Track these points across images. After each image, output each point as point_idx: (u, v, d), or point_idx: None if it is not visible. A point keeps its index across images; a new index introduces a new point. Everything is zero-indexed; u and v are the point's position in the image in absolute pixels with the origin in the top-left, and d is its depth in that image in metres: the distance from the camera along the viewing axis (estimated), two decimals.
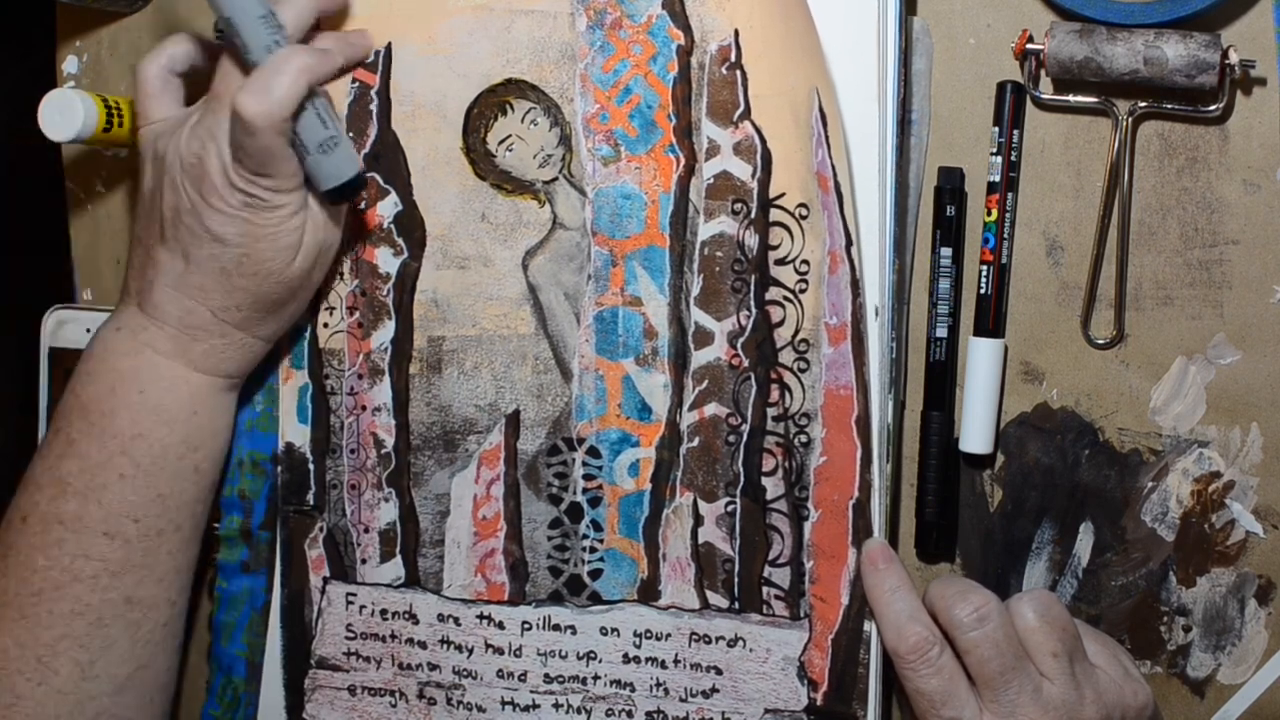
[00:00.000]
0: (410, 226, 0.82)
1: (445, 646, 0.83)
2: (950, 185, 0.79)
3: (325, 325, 0.84)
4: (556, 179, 0.81)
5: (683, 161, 0.78)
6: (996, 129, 0.78)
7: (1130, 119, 0.77)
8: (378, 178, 0.82)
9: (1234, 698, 0.78)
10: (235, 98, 0.71)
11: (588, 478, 0.81)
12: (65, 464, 0.78)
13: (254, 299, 0.77)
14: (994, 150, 0.78)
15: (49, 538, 0.78)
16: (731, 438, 0.79)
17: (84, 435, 0.78)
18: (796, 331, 0.77)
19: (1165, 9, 0.75)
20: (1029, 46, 0.77)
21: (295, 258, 0.77)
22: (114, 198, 0.93)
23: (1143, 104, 0.76)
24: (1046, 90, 0.78)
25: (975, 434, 0.79)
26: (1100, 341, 0.79)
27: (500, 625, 0.82)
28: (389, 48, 0.82)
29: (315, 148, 0.74)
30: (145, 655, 0.80)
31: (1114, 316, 0.78)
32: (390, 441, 0.83)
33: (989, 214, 0.78)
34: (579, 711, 0.81)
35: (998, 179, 0.78)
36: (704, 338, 0.79)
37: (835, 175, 0.75)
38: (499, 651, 0.82)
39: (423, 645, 0.83)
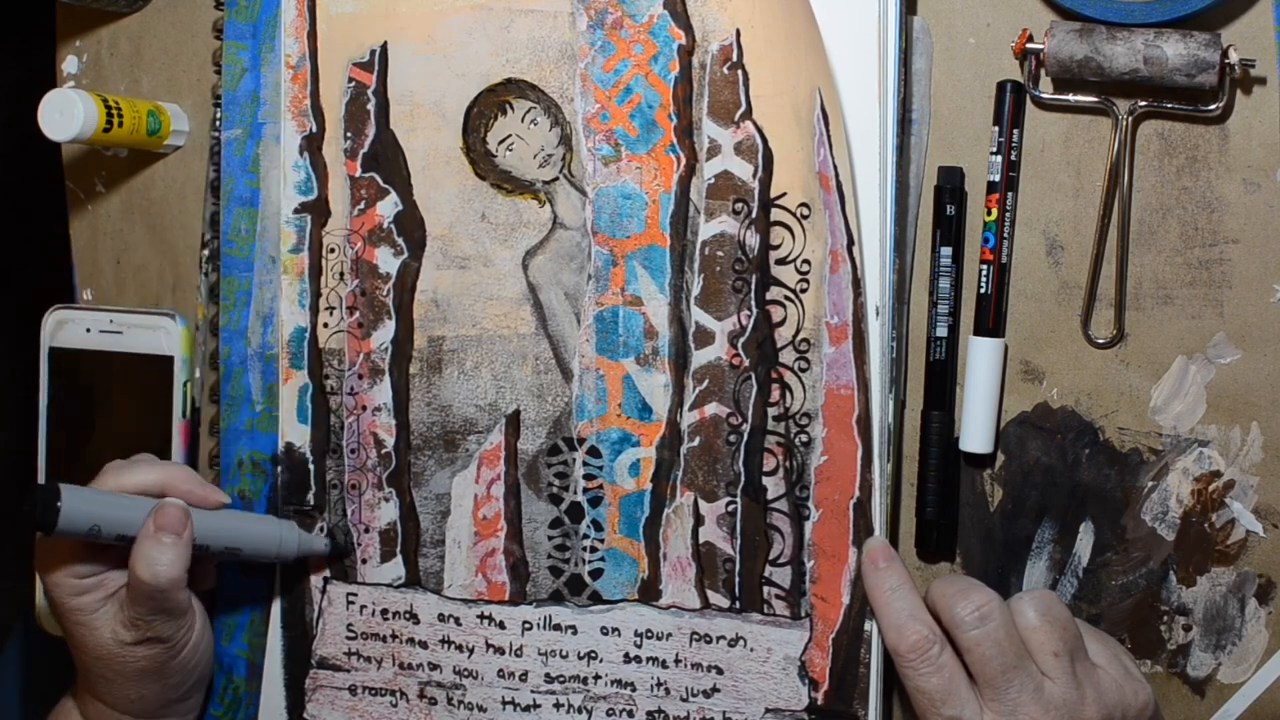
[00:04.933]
0: (410, 226, 0.82)
1: (446, 646, 0.83)
2: (950, 185, 0.79)
3: (325, 325, 0.84)
4: (557, 179, 0.80)
5: (683, 161, 0.78)
6: (996, 128, 0.78)
7: (1130, 118, 0.77)
8: (377, 178, 0.82)
9: (1234, 697, 0.77)
10: (134, 568, 0.77)
11: (588, 477, 0.81)
12: None
13: (87, 672, 0.81)
14: (994, 150, 0.78)
15: None
16: (732, 437, 0.79)
17: None
18: (797, 331, 0.77)
19: (1165, 8, 0.75)
20: (1029, 46, 0.77)
21: (98, 636, 0.79)
22: (114, 198, 0.93)
23: (1143, 103, 0.76)
24: (1046, 90, 0.78)
25: (975, 433, 0.79)
26: (1100, 341, 0.79)
27: (501, 625, 0.82)
28: (384, 46, 0.82)
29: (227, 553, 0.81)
30: None
31: (1114, 316, 0.78)
32: (390, 441, 0.83)
33: (989, 213, 0.78)
34: (580, 711, 0.81)
35: (998, 178, 0.78)
36: (705, 337, 0.79)
37: (837, 174, 0.75)
38: (500, 651, 0.82)
39: (423, 645, 0.83)
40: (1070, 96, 0.78)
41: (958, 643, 0.72)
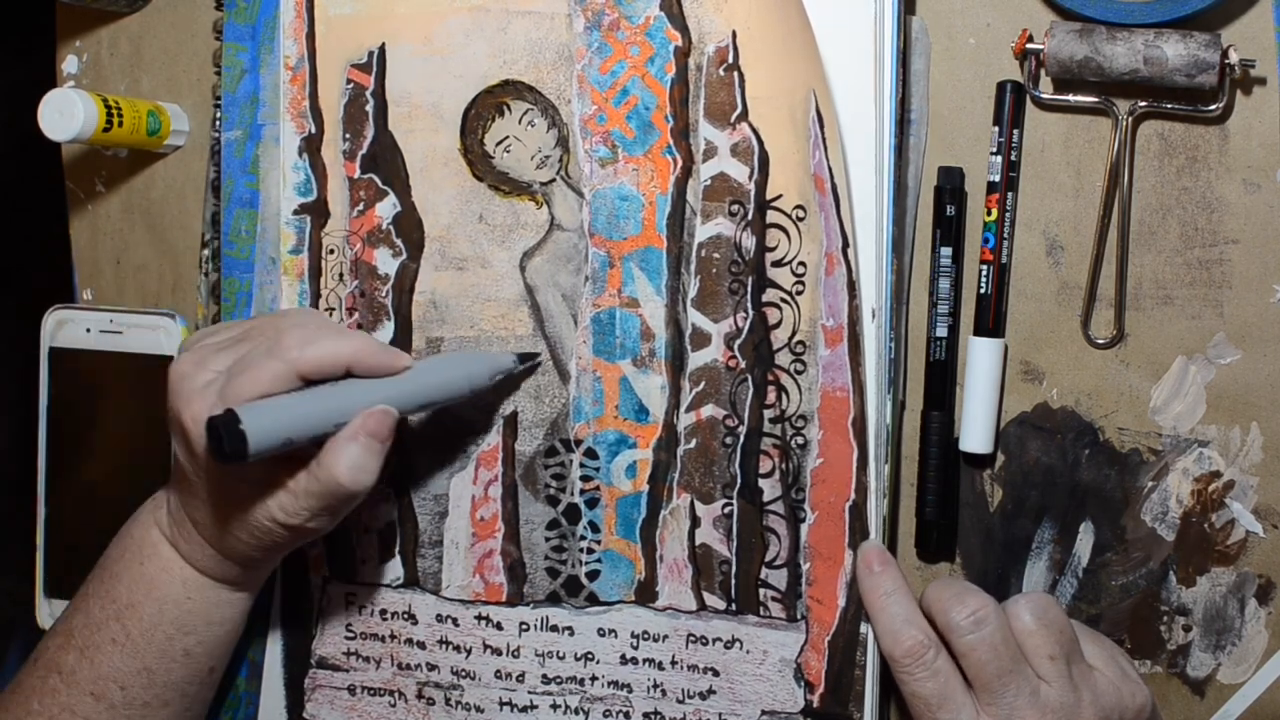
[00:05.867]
0: (408, 228, 0.82)
1: (444, 647, 0.83)
2: (950, 185, 0.79)
3: None
4: (554, 180, 0.80)
5: (680, 163, 0.78)
6: (996, 129, 0.78)
7: (1130, 119, 0.76)
8: (376, 179, 0.82)
9: (1234, 697, 0.77)
10: (336, 469, 0.72)
11: (585, 479, 0.81)
12: (75, 617, 0.79)
13: (212, 523, 0.76)
14: (994, 150, 0.78)
15: (46, 684, 0.78)
16: (728, 439, 0.78)
17: (95, 593, 0.79)
18: (793, 333, 0.77)
19: (1165, 9, 0.74)
20: (1029, 46, 0.77)
21: (247, 509, 0.75)
22: (114, 198, 0.93)
23: (1143, 104, 0.76)
24: (1046, 90, 0.78)
25: (975, 433, 0.79)
26: (1100, 341, 0.78)
27: (498, 626, 0.82)
28: (383, 48, 0.82)
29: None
30: None
31: (1114, 316, 0.78)
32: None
33: (989, 214, 0.78)
34: (576, 712, 0.82)
35: (998, 179, 0.78)
36: (701, 339, 0.79)
37: (832, 177, 0.75)
38: (497, 652, 0.82)
39: (421, 645, 0.83)
40: (1070, 97, 0.77)
41: (953, 647, 0.72)
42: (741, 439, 0.78)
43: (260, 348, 0.73)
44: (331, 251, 0.84)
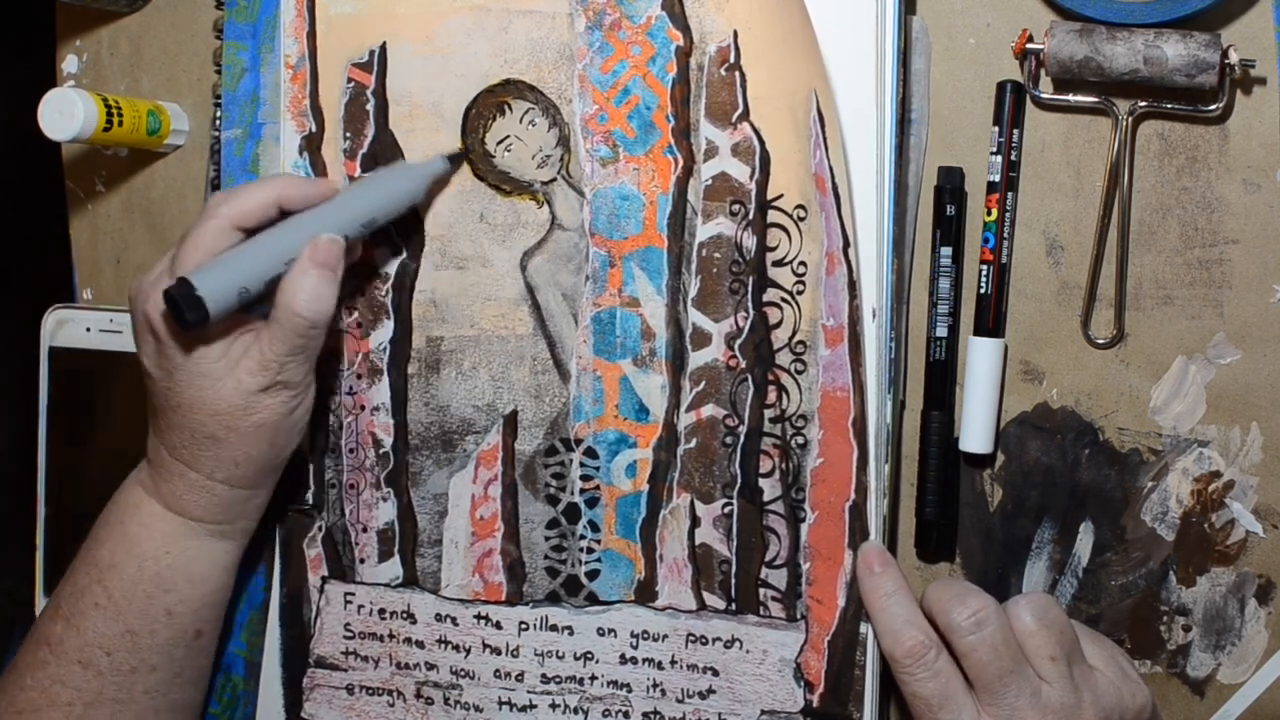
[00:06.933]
0: (408, 227, 0.82)
1: (443, 646, 0.83)
2: (950, 185, 0.79)
3: None
4: (555, 180, 0.80)
5: (681, 162, 0.78)
6: (996, 129, 0.78)
7: (1130, 119, 0.76)
8: None
9: (1234, 697, 0.77)
10: (292, 303, 0.73)
11: (585, 478, 0.81)
12: (64, 587, 0.80)
13: (190, 433, 0.76)
14: (994, 150, 0.78)
15: (37, 657, 0.79)
16: (729, 439, 0.78)
17: (80, 559, 0.80)
18: (794, 333, 0.77)
19: (1165, 9, 0.74)
20: (1029, 46, 0.77)
21: (219, 388, 0.75)
22: (114, 198, 0.93)
23: (1143, 104, 0.76)
24: (1046, 90, 0.78)
25: (975, 433, 0.79)
26: (1100, 341, 0.78)
27: (498, 625, 0.82)
28: (383, 47, 0.82)
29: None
30: None
31: (1114, 316, 0.78)
32: (388, 441, 0.83)
33: (989, 214, 0.78)
34: (576, 712, 0.81)
35: (998, 179, 0.78)
36: (701, 339, 0.79)
37: (833, 176, 0.75)
38: (496, 651, 0.82)
39: (420, 645, 0.83)
40: (1070, 96, 0.77)
41: (954, 648, 0.72)
42: (742, 439, 0.78)
43: (192, 224, 0.75)
44: None
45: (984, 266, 0.78)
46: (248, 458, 0.77)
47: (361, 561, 0.84)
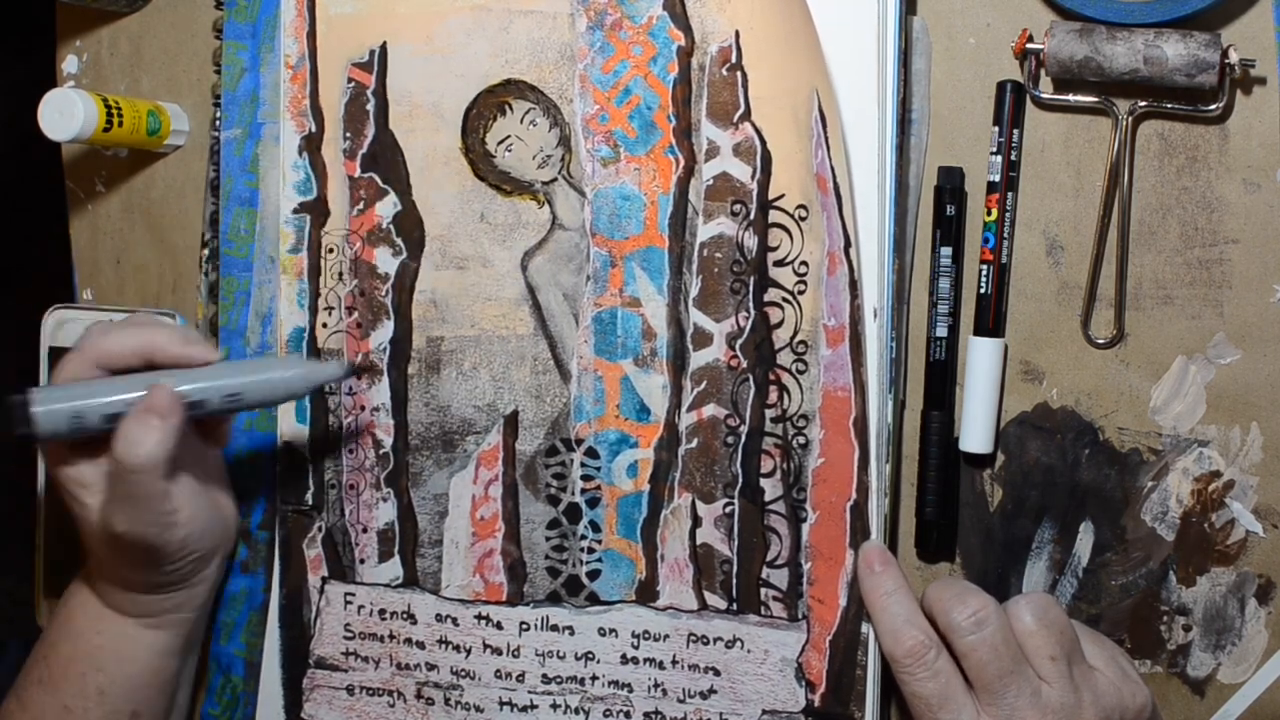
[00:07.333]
0: (409, 227, 0.82)
1: (443, 646, 0.83)
2: (950, 185, 0.79)
3: (324, 325, 0.84)
4: (556, 179, 0.80)
5: (682, 162, 0.78)
6: (996, 128, 0.78)
7: (1130, 118, 0.76)
8: (376, 178, 0.82)
9: (1234, 697, 0.77)
10: (115, 445, 0.73)
11: (586, 478, 0.81)
12: (27, 659, 0.81)
13: (85, 537, 0.78)
14: (994, 150, 0.78)
15: None
16: (730, 439, 0.78)
17: (40, 636, 0.82)
18: (795, 333, 0.77)
19: (1165, 8, 0.74)
20: (1029, 46, 0.77)
21: (84, 513, 0.76)
22: (114, 198, 0.93)
23: (1143, 103, 0.76)
24: (1046, 90, 0.78)
25: (975, 433, 0.79)
26: (1100, 341, 0.78)
27: (498, 625, 0.82)
28: (384, 47, 0.82)
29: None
30: None
31: (1114, 316, 0.78)
32: (389, 441, 0.83)
33: (989, 214, 0.78)
34: (577, 712, 0.81)
35: (998, 178, 0.78)
36: (703, 339, 0.79)
37: (834, 176, 0.75)
38: (497, 652, 0.82)
39: (421, 645, 0.83)
40: (1070, 96, 0.77)
41: (954, 648, 0.72)
42: (743, 438, 0.78)
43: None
44: (331, 250, 0.84)
45: (984, 266, 0.78)
46: (134, 572, 0.78)
47: (362, 562, 0.84)
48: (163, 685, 0.83)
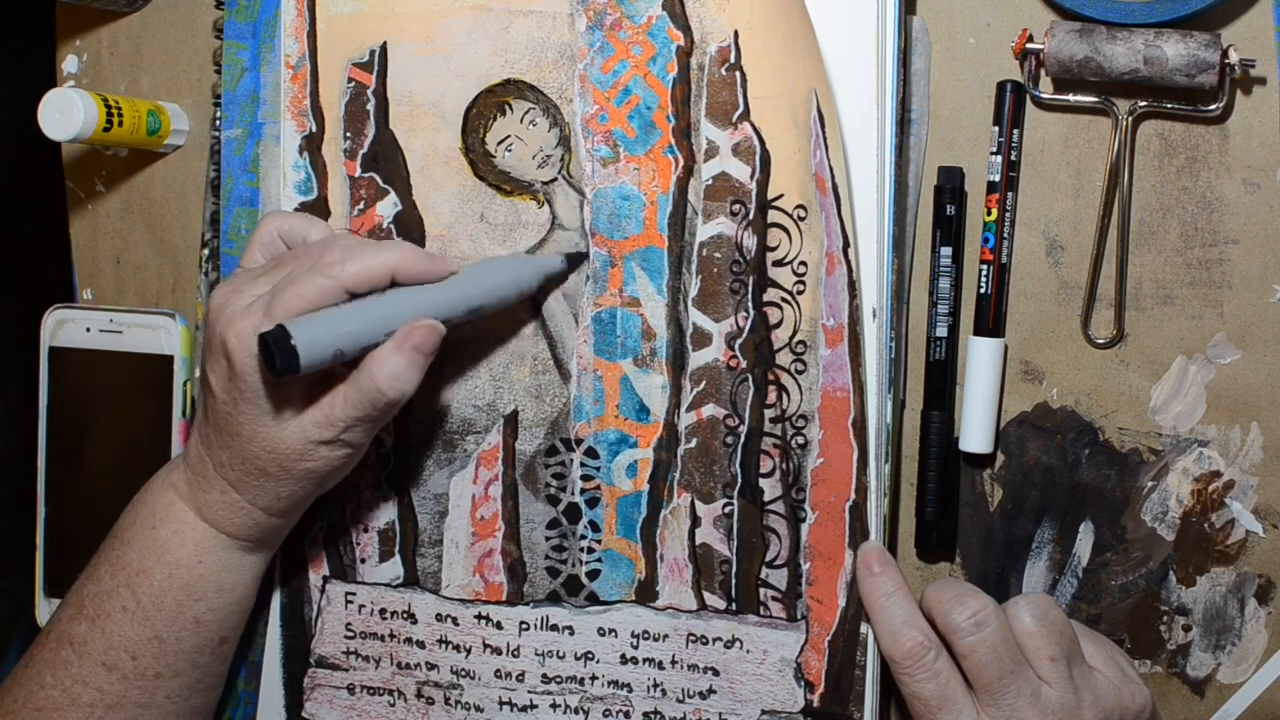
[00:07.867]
0: (409, 226, 0.82)
1: (443, 646, 0.83)
2: (950, 185, 0.79)
3: None
4: (555, 179, 0.80)
5: (681, 162, 0.78)
6: (996, 128, 0.78)
7: (1130, 118, 0.76)
8: (376, 178, 0.82)
9: (1234, 697, 0.77)
10: (377, 377, 0.72)
11: (586, 478, 0.81)
12: (86, 586, 0.79)
13: (242, 460, 0.76)
14: (994, 150, 0.78)
15: (58, 656, 0.78)
16: (729, 439, 0.79)
17: (106, 560, 0.79)
18: (794, 333, 0.77)
19: (1165, 8, 0.74)
20: (1029, 46, 0.77)
21: (283, 429, 0.75)
22: (114, 197, 0.93)
23: (1143, 103, 0.76)
24: (1046, 90, 0.78)
25: (975, 433, 0.79)
26: (1100, 341, 0.78)
27: (498, 625, 0.82)
28: (384, 47, 0.82)
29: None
30: None
31: (1114, 316, 0.78)
32: (389, 441, 0.83)
33: (989, 213, 0.78)
34: (576, 712, 0.81)
35: (998, 178, 0.78)
36: (702, 339, 0.79)
37: (833, 176, 0.75)
38: (497, 651, 0.82)
39: (421, 645, 0.83)
40: (1070, 96, 0.77)
41: (954, 649, 0.72)
42: (742, 439, 0.78)
43: (303, 266, 0.74)
44: None
45: (984, 266, 0.78)
46: (292, 494, 0.77)
47: (362, 561, 0.84)
48: (248, 609, 0.82)
